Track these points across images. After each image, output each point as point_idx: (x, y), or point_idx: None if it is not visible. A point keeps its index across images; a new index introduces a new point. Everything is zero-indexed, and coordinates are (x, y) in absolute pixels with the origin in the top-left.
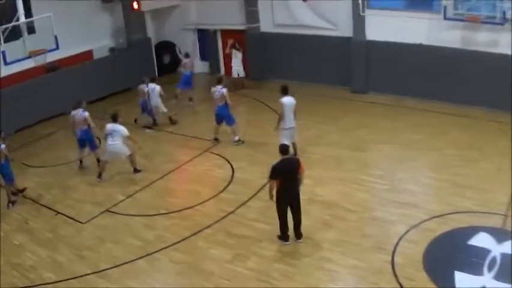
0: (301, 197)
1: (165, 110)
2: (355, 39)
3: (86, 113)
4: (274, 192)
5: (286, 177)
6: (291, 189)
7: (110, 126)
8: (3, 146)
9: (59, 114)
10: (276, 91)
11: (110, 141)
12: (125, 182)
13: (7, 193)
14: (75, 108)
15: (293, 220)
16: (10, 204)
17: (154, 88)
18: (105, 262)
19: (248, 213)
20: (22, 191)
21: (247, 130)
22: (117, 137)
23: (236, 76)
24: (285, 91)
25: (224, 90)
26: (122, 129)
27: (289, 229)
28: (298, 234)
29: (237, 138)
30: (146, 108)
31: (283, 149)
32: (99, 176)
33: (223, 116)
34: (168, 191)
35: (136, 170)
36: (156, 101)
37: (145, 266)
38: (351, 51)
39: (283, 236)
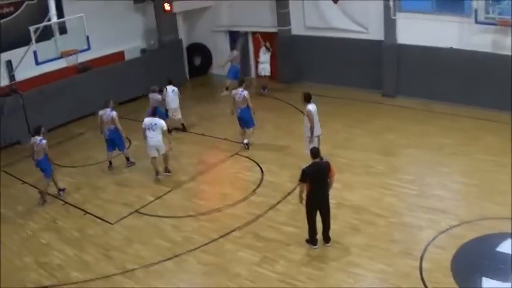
0: (330, 201)
1: (180, 116)
2: (386, 42)
3: (114, 113)
4: (304, 195)
5: (316, 180)
6: (320, 193)
7: (148, 119)
8: (44, 141)
9: (90, 114)
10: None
11: (150, 134)
12: (155, 183)
13: (43, 188)
14: (103, 107)
15: (322, 224)
16: (41, 201)
17: (174, 90)
18: (132, 263)
19: (277, 217)
20: (61, 190)
21: (276, 133)
22: (157, 130)
23: (262, 74)
24: (308, 98)
25: (245, 92)
26: (162, 123)
27: (318, 233)
28: (327, 238)
29: (246, 141)
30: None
31: (314, 152)
32: (157, 173)
33: (244, 119)
34: (197, 192)
35: (167, 170)
36: (177, 104)
37: (173, 267)
38: (381, 55)
39: (312, 240)
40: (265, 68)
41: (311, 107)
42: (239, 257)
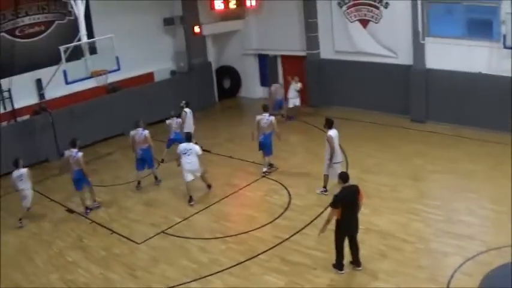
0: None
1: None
2: (415, 67)
3: (146, 132)
4: (330, 223)
5: (348, 205)
6: (352, 218)
7: (184, 145)
8: (80, 154)
9: (118, 134)
10: (335, 118)
11: (187, 160)
12: (182, 205)
13: (81, 200)
14: (134, 128)
15: (352, 248)
16: (88, 210)
17: (191, 112)
18: (157, 283)
19: (304, 241)
20: (89, 208)
21: (305, 156)
22: (192, 155)
23: (291, 106)
24: (330, 124)
25: (272, 118)
26: (197, 148)
27: (345, 258)
28: (358, 262)
29: (265, 169)
30: (173, 142)
31: (344, 177)
32: (190, 199)
33: (267, 145)
34: (224, 215)
35: (209, 186)
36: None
37: None
38: (410, 80)
39: (339, 265)
40: (295, 102)
41: (332, 132)
42: (265, 281)
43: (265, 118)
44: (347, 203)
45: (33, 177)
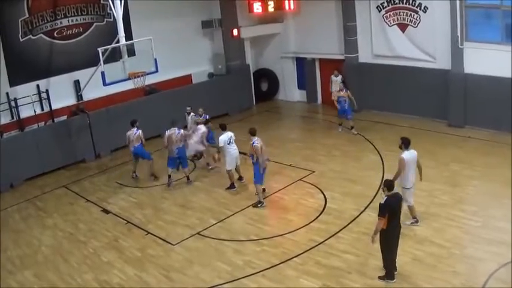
0: None
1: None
2: (453, 71)
3: (182, 131)
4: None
5: (394, 214)
6: (398, 226)
7: (223, 135)
8: (139, 131)
9: (155, 136)
10: (373, 122)
11: (232, 147)
12: (217, 207)
13: (150, 168)
14: (171, 127)
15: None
16: (153, 178)
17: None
18: (191, 285)
19: (338, 244)
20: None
21: (342, 160)
22: (234, 142)
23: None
24: (407, 144)
25: None
26: (233, 134)
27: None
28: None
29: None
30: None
31: (390, 184)
32: (232, 186)
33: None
34: (259, 217)
35: (241, 178)
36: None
37: None
38: (448, 84)
39: (390, 275)
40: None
41: (406, 155)
42: (299, 284)
43: None
44: (393, 211)
45: (70, 178)
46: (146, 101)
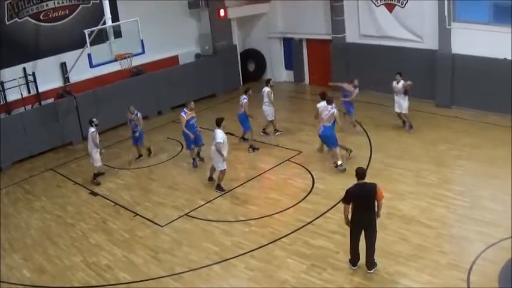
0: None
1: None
2: (441, 52)
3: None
4: (349, 216)
5: (361, 203)
6: (365, 217)
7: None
8: (139, 114)
9: (143, 117)
10: (361, 102)
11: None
12: (205, 188)
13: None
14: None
15: (366, 248)
16: (250, 149)
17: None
18: (180, 265)
19: (327, 224)
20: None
21: None
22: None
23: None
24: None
25: (335, 110)
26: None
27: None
28: (371, 264)
29: (340, 162)
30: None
31: (360, 173)
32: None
33: (328, 137)
34: (247, 198)
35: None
36: None
37: (221, 271)
38: (436, 64)
39: (353, 261)
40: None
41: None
42: (287, 264)
43: (329, 110)
44: (360, 201)
45: (58, 160)
46: (133, 82)
